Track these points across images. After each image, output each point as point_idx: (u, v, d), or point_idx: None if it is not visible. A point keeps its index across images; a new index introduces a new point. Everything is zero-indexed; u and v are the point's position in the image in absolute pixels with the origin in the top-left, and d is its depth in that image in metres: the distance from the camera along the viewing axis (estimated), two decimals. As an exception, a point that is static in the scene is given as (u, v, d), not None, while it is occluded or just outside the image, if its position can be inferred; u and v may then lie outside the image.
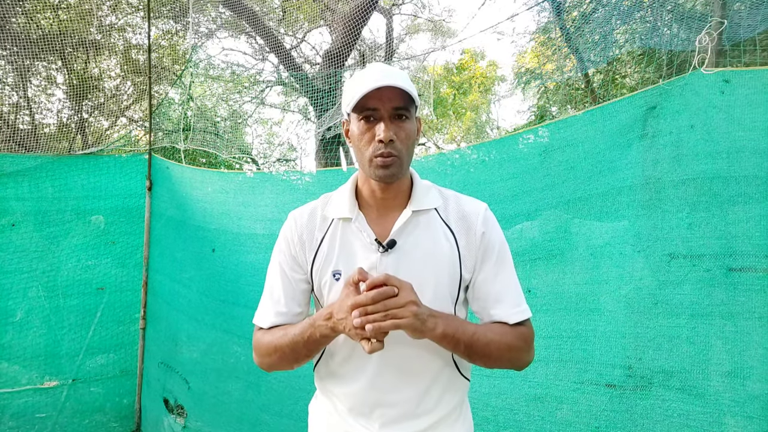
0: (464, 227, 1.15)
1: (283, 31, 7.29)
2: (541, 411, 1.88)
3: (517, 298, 1.15)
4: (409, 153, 1.11)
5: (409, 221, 1.13)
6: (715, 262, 1.61)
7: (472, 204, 1.20)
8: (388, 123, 1.06)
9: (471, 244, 1.14)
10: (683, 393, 1.63)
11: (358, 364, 1.14)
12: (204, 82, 6.18)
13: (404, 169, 1.10)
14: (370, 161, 1.07)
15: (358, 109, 1.07)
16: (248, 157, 8.65)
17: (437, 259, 1.12)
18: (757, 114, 1.58)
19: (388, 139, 1.04)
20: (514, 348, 1.11)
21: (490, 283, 1.14)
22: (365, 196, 1.17)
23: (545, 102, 7.42)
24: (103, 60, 5.56)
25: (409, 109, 1.08)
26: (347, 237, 1.14)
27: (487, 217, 1.18)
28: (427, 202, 1.16)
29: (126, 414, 3.35)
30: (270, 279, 1.21)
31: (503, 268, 1.16)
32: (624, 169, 1.82)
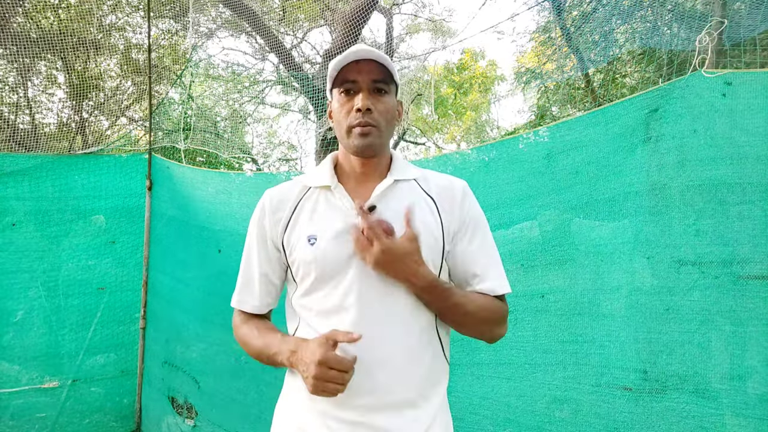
0: (446, 197, 1.15)
1: (283, 30, 7.29)
2: (561, 412, 1.90)
3: (501, 271, 1.16)
4: (388, 128, 1.11)
5: (390, 188, 1.13)
6: (722, 270, 1.62)
7: (451, 179, 1.21)
8: (367, 94, 1.07)
9: (453, 214, 1.14)
10: (697, 396, 1.65)
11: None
12: (204, 81, 6.18)
13: (383, 140, 1.11)
14: (349, 132, 1.09)
15: (338, 83, 1.08)
16: (248, 156, 8.65)
17: (421, 226, 1.09)
18: (758, 119, 1.59)
19: (366, 107, 1.05)
20: (495, 319, 1.13)
21: (476, 254, 1.14)
22: (345, 170, 1.17)
23: (545, 102, 7.41)
24: (103, 60, 5.56)
25: (389, 84, 1.09)
26: (324, 203, 1.13)
27: (467, 190, 1.19)
28: (407, 173, 1.16)
29: (126, 414, 3.35)
30: (243, 263, 1.20)
31: (486, 240, 1.17)
32: (629, 173, 1.82)
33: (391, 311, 1.06)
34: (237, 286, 1.20)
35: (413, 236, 1.02)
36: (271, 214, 1.15)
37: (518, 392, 1.98)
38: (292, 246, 1.12)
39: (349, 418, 1.04)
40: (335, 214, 1.10)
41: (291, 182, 1.20)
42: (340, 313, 1.06)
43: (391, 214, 1.09)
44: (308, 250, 1.08)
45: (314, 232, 1.09)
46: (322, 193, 1.14)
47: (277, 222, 1.14)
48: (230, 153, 4.81)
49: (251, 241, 1.18)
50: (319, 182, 1.14)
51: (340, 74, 1.07)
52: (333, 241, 1.06)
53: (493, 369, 2.02)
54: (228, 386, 2.89)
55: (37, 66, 5.32)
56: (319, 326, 1.08)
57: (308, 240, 1.08)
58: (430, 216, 1.12)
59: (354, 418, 1.04)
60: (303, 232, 1.10)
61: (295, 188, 1.17)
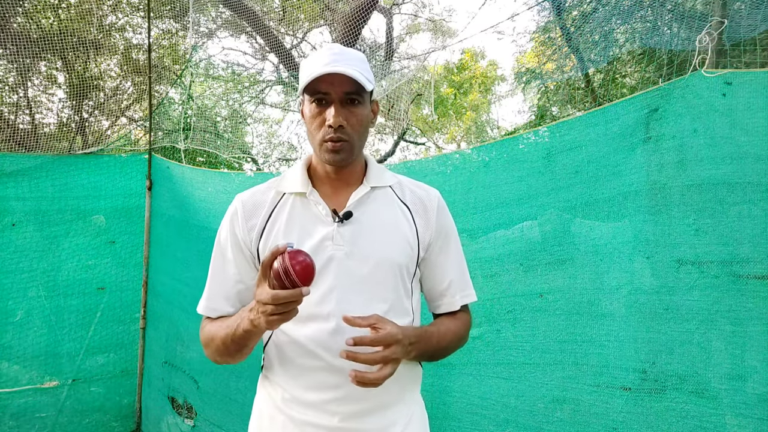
0: (420, 207, 1.16)
1: (283, 30, 7.29)
2: (560, 413, 1.90)
3: (467, 282, 1.21)
4: (361, 138, 1.10)
5: (366, 195, 1.13)
6: (722, 269, 1.62)
7: (425, 188, 1.23)
8: (339, 108, 1.04)
9: (428, 224, 1.15)
10: (696, 396, 1.65)
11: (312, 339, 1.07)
12: (204, 81, 6.18)
13: (355, 153, 1.10)
14: (320, 145, 1.07)
15: (309, 91, 1.06)
16: (248, 156, 8.65)
17: (395, 234, 1.11)
18: (758, 119, 1.58)
19: (338, 124, 1.04)
20: (462, 338, 1.19)
21: (447, 265, 1.18)
22: (319, 175, 1.16)
23: (545, 102, 7.41)
24: (103, 60, 5.56)
25: (361, 94, 1.06)
26: (299, 210, 1.12)
27: (441, 202, 1.21)
28: (383, 179, 1.17)
29: (126, 414, 3.36)
30: (211, 270, 1.17)
31: (457, 251, 1.21)
32: (629, 173, 1.82)
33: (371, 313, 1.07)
34: (207, 292, 1.16)
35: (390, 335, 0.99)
36: (244, 220, 1.13)
37: (517, 392, 1.98)
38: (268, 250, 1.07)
39: (328, 424, 1.06)
40: (311, 221, 1.10)
41: (264, 186, 1.18)
42: (317, 321, 1.06)
43: (367, 221, 1.10)
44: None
45: (291, 240, 1.08)
46: (297, 199, 1.13)
47: (251, 229, 1.12)
48: (230, 153, 4.81)
49: (224, 246, 1.15)
50: (293, 188, 1.13)
51: (312, 83, 1.04)
52: (310, 249, 1.05)
53: (492, 369, 2.02)
54: (227, 386, 2.89)
55: (37, 66, 5.32)
56: (295, 333, 1.08)
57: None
58: (405, 224, 1.13)
59: (333, 424, 1.06)
60: (278, 240, 1.09)
61: (269, 193, 1.15)
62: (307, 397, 1.07)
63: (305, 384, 1.08)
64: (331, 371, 1.06)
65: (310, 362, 1.07)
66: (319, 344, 1.05)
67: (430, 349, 1.09)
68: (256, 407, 1.20)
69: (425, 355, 1.09)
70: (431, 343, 1.08)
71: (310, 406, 1.07)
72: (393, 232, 1.11)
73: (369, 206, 1.12)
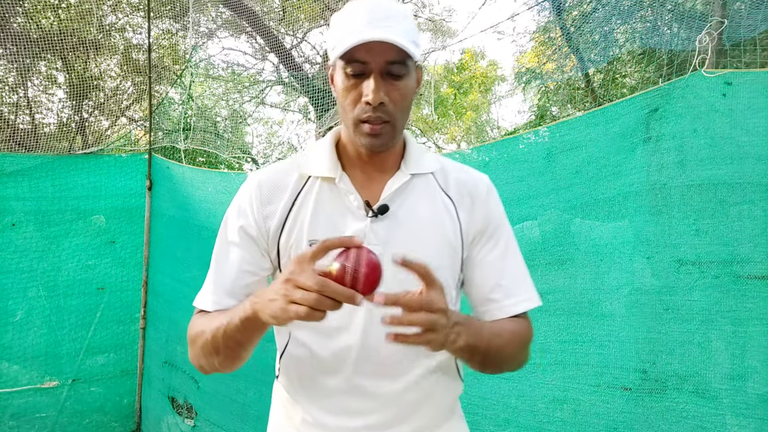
0: (466, 198, 0.98)
1: (283, 30, 7.29)
2: (561, 413, 1.90)
3: (527, 283, 0.99)
4: (404, 116, 0.91)
5: (404, 185, 0.94)
6: (723, 269, 1.62)
7: (473, 174, 1.02)
8: (379, 80, 0.85)
9: (473, 216, 0.97)
10: (697, 396, 1.65)
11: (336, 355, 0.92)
12: (204, 81, 6.18)
13: (397, 135, 0.91)
14: (356, 125, 0.88)
15: (344, 58, 0.85)
16: (248, 156, 8.66)
17: (437, 232, 0.93)
18: (759, 119, 1.58)
19: (378, 101, 0.85)
20: (522, 348, 0.95)
21: (497, 263, 0.97)
22: (350, 156, 0.97)
23: (545, 102, 7.42)
24: (103, 60, 5.56)
25: (407, 63, 0.87)
26: (328, 200, 0.93)
27: (492, 189, 1.01)
28: (424, 165, 0.98)
29: (126, 414, 3.36)
30: (214, 260, 0.98)
31: (510, 246, 0.99)
32: (629, 173, 1.82)
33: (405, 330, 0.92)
34: (206, 283, 0.98)
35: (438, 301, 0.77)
36: (260, 205, 0.94)
37: (518, 392, 1.98)
38: (290, 249, 0.93)
39: None
40: (341, 214, 0.92)
41: (285, 165, 0.99)
42: (343, 334, 0.91)
43: (405, 217, 0.93)
44: None
45: (316, 236, 0.91)
46: (324, 184, 0.94)
47: (268, 217, 0.94)
48: (230, 153, 4.81)
49: (232, 231, 0.96)
50: (320, 171, 0.94)
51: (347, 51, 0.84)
52: None
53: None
54: (228, 386, 2.89)
55: (37, 66, 5.32)
56: (317, 347, 0.93)
57: (309, 245, 0.91)
58: (448, 220, 0.95)
59: None
60: (303, 235, 0.92)
61: (291, 176, 0.96)
62: (331, 423, 0.93)
63: (328, 407, 0.94)
64: (358, 395, 0.92)
65: (334, 382, 0.93)
66: (345, 361, 0.91)
67: (481, 344, 0.84)
68: (272, 424, 1.06)
69: (475, 351, 0.84)
70: (482, 337, 0.85)
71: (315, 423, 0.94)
72: (433, 231, 0.93)
73: (407, 198, 0.94)
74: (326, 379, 0.93)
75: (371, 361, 0.91)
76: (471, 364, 0.88)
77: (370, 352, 0.91)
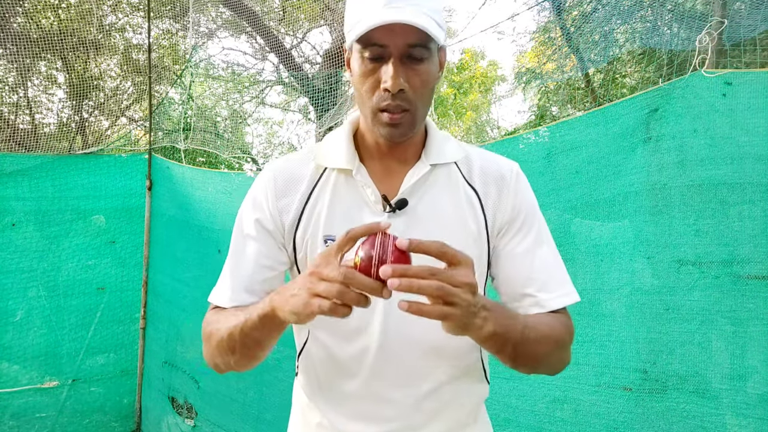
0: (493, 188, 0.91)
1: (283, 30, 7.29)
2: (561, 413, 1.90)
3: (563, 276, 0.91)
4: (426, 104, 0.85)
5: (425, 177, 0.88)
6: (723, 270, 1.62)
7: (500, 161, 0.95)
8: (399, 66, 0.79)
9: (500, 210, 0.90)
10: (697, 396, 1.65)
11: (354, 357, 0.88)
12: (204, 81, 6.19)
13: (417, 124, 0.85)
14: (374, 114, 0.82)
15: (362, 41, 0.79)
16: (248, 156, 8.66)
17: (459, 227, 0.87)
18: (759, 119, 1.58)
19: (397, 88, 0.78)
20: (561, 346, 0.87)
21: (529, 259, 0.89)
22: (368, 146, 0.92)
23: (545, 102, 7.42)
24: (103, 60, 5.56)
25: (429, 46, 0.80)
26: (344, 193, 0.89)
27: (521, 176, 0.95)
28: (446, 154, 0.91)
29: (126, 414, 3.36)
30: (230, 255, 0.94)
31: (543, 240, 0.92)
32: (629, 174, 1.82)
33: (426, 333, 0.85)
34: (222, 277, 0.94)
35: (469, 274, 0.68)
36: (275, 198, 0.90)
37: (518, 392, 1.98)
38: (307, 244, 0.89)
39: None
40: (357, 208, 0.88)
41: (300, 156, 0.94)
42: (362, 336, 0.87)
43: (425, 211, 0.87)
44: None
45: (333, 232, 0.87)
46: (340, 176, 0.89)
47: (284, 210, 0.90)
48: (230, 153, 4.81)
49: (248, 225, 0.92)
50: (336, 163, 0.89)
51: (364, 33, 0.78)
52: None
53: (493, 369, 2.01)
54: (228, 386, 2.89)
55: (37, 66, 5.32)
56: (335, 350, 0.89)
57: (325, 242, 0.87)
58: (471, 214, 0.89)
59: None
60: (319, 230, 0.88)
61: (307, 167, 0.91)
62: (347, 428, 0.90)
63: (345, 412, 0.90)
64: (376, 400, 0.88)
65: (351, 386, 0.89)
66: (363, 364, 0.88)
67: (513, 335, 0.75)
68: (292, 427, 1.03)
69: (505, 341, 0.75)
70: (515, 327, 0.76)
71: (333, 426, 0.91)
72: (456, 226, 0.87)
73: (428, 191, 0.89)
74: (344, 383, 0.90)
75: (390, 365, 0.87)
76: (501, 358, 0.79)
77: (388, 356, 0.87)
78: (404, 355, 0.87)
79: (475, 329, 0.69)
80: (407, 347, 0.87)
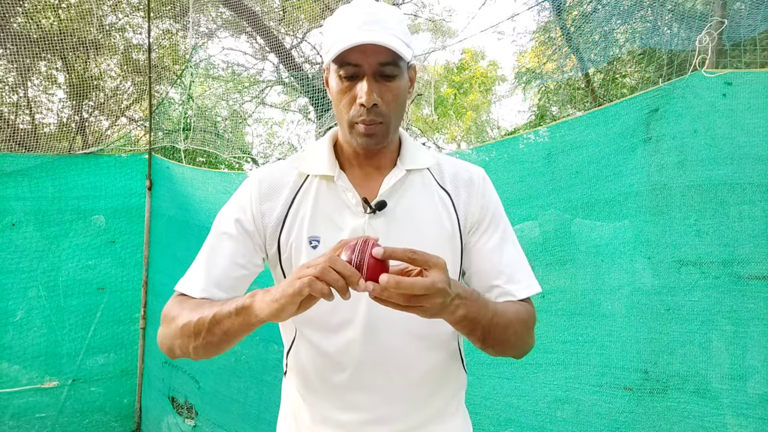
0: (463, 190, 1.00)
1: (283, 30, 7.29)
2: (563, 412, 1.91)
3: (527, 270, 1.00)
4: (398, 116, 0.93)
5: (401, 181, 0.97)
6: (723, 270, 1.62)
7: (468, 168, 1.04)
8: (372, 83, 0.87)
9: (469, 207, 0.99)
10: (698, 396, 1.65)
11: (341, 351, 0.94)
12: (204, 81, 6.19)
13: (391, 134, 0.93)
14: (351, 126, 0.91)
15: (337, 61, 0.88)
16: (248, 156, 8.66)
17: (435, 226, 0.95)
18: (759, 119, 1.58)
19: (371, 103, 0.87)
20: (527, 329, 0.95)
21: (497, 254, 0.98)
22: (347, 155, 1.00)
23: (546, 102, 7.42)
24: (103, 60, 5.56)
25: (399, 64, 0.89)
26: (326, 198, 0.95)
27: (487, 180, 1.04)
28: (420, 160, 1.00)
29: (126, 414, 3.35)
30: (206, 247, 0.98)
31: (507, 234, 1.01)
32: (630, 174, 1.82)
33: (410, 323, 0.90)
34: (197, 271, 0.96)
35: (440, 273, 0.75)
36: (258, 201, 0.96)
37: (519, 392, 1.98)
38: (292, 246, 0.94)
39: None
40: (339, 211, 0.94)
41: (284, 164, 1.01)
42: (346, 329, 0.93)
43: (402, 212, 0.95)
44: (310, 254, 0.92)
45: (316, 233, 0.93)
46: (322, 183, 0.96)
47: (266, 213, 0.96)
48: (230, 153, 4.81)
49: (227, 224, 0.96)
50: (318, 170, 0.96)
51: (340, 54, 0.86)
52: None
53: (494, 369, 2.02)
54: (228, 386, 2.89)
55: (37, 66, 5.32)
56: (323, 344, 0.94)
57: (309, 242, 0.93)
58: (445, 214, 0.97)
59: None
60: (303, 231, 0.94)
61: (291, 174, 0.99)
62: (339, 418, 0.95)
63: (336, 403, 0.95)
64: (364, 390, 0.94)
65: (340, 377, 0.94)
66: (350, 356, 0.93)
67: (484, 320, 0.83)
68: (281, 426, 1.08)
69: (476, 324, 0.83)
70: (485, 313, 0.84)
71: (343, 427, 0.95)
72: (432, 225, 0.95)
73: (404, 194, 0.97)
74: (333, 375, 0.95)
75: (376, 355, 0.93)
76: (471, 338, 0.87)
77: (375, 346, 0.92)
78: (389, 345, 0.93)
79: (448, 314, 0.78)
80: (392, 337, 0.93)
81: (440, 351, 0.98)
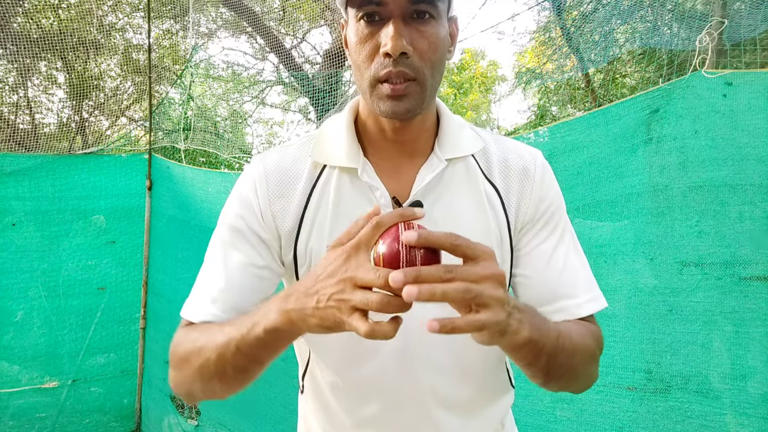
0: (514, 183, 0.79)
1: (283, 30, 7.29)
2: (567, 412, 1.91)
3: (590, 280, 0.80)
4: (434, 74, 0.69)
5: (439, 175, 0.75)
6: (725, 271, 1.63)
7: (523, 152, 0.81)
8: (401, 25, 0.64)
9: (523, 207, 0.78)
10: (700, 396, 1.66)
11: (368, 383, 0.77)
12: (204, 81, 6.19)
13: (426, 99, 0.69)
14: (373, 87, 0.68)
15: (355, 3, 0.66)
16: (248, 156, 8.66)
17: (480, 230, 0.75)
18: (759, 119, 1.59)
19: (399, 51, 0.64)
20: (593, 359, 0.76)
21: (553, 260, 0.77)
22: (371, 135, 0.77)
23: (546, 101, 7.42)
24: (103, 60, 5.56)
25: (435, 4, 0.66)
26: (349, 196, 0.75)
27: (546, 168, 0.82)
28: (463, 145, 0.77)
29: (126, 414, 3.35)
30: (211, 261, 0.79)
31: (567, 239, 0.80)
32: (631, 175, 1.82)
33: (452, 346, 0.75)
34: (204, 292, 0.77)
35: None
36: (268, 201, 0.76)
37: (522, 392, 1.98)
38: (311, 256, 0.76)
39: None
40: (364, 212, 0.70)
41: (295, 151, 0.79)
42: (377, 356, 0.76)
43: (441, 215, 0.74)
44: None
45: None
46: (343, 176, 0.75)
47: (279, 214, 0.76)
48: (230, 153, 4.81)
49: (234, 231, 0.78)
50: (338, 160, 0.75)
51: None
52: None
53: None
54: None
55: (37, 66, 5.32)
56: (347, 375, 0.77)
57: None
58: (492, 214, 0.76)
59: None
60: (323, 240, 0.75)
61: (304, 163, 0.78)
62: None
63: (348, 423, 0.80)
64: (400, 425, 0.78)
65: (370, 411, 0.78)
66: (381, 390, 0.77)
67: (548, 341, 0.62)
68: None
69: (541, 350, 0.62)
70: (548, 333, 0.63)
71: None
72: (476, 229, 0.75)
73: (444, 191, 0.76)
74: (360, 409, 0.79)
75: (411, 388, 0.76)
76: (533, 370, 0.66)
77: (409, 379, 0.76)
78: (427, 378, 0.76)
79: (510, 334, 0.56)
80: (429, 369, 0.76)
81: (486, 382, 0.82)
